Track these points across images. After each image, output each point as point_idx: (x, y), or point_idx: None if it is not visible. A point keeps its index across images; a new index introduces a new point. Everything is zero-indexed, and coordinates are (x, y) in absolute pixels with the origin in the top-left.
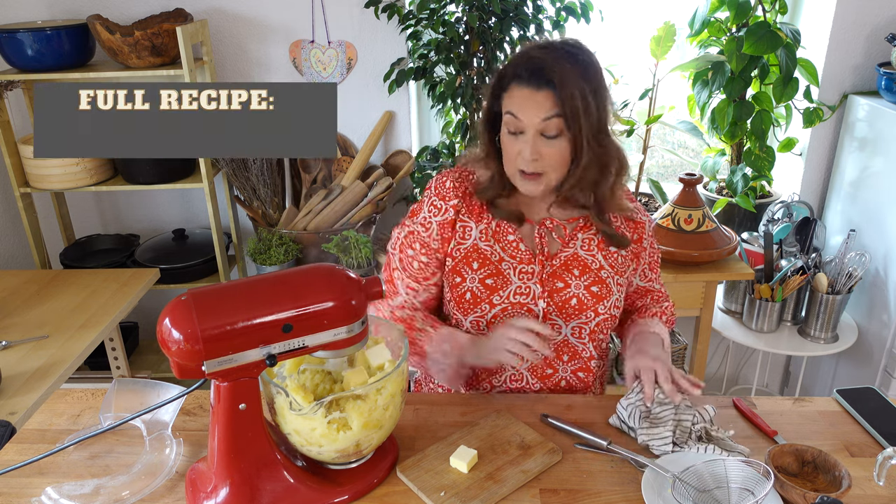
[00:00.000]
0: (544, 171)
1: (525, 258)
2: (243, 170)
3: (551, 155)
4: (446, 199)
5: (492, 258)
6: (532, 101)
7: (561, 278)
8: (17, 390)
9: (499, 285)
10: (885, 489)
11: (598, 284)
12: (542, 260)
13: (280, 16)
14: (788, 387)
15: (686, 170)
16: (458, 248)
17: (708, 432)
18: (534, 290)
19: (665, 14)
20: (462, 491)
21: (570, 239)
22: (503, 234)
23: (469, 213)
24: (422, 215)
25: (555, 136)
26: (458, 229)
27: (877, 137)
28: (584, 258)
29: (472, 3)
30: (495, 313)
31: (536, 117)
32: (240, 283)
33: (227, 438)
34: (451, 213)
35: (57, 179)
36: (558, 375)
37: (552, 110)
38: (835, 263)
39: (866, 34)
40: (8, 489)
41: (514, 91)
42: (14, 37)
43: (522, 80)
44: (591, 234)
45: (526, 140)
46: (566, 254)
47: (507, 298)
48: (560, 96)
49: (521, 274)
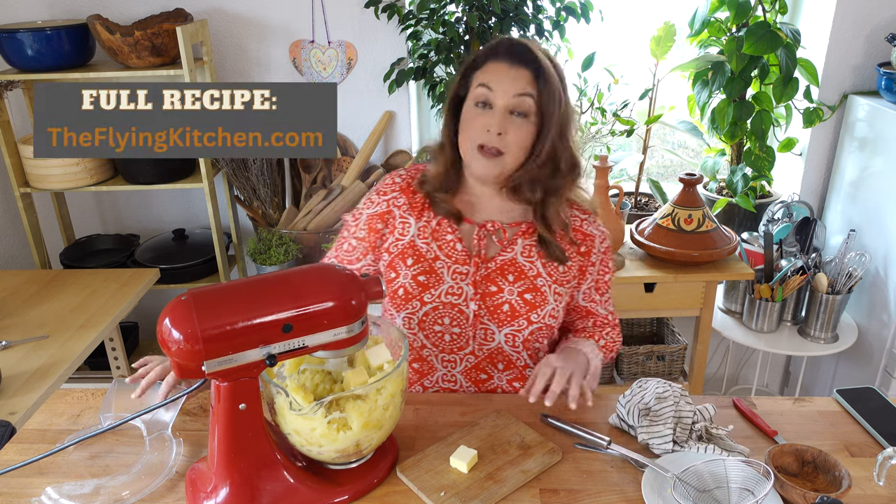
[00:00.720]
0: (506, 149)
1: (461, 258)
2: (243, 170)
3: (516, 135)
4: (384, 193)
5: (427, 255)
6: (508, 76)
7: (494, 282)
8: (17, 390)
9: (431, 283)
10: (885, 489)
11: (533, 292)
12: (478, 262)
13: (280, 16)
14: (788, 387)
15: (686, 170)
16: (395, 244)
17: (708, 431)
18: (466, 291)
19: (665, 14)
20: (462, 491)
21: (509, 243)
22: (442, 232)
23: (410, 209)
24: (360, 206)
25: (523, 115)
26: (398, 225)
27: (877, 137)
28: (522, 264)
29: (472, 3)
30: (427, 311)
31: (511, 90)
32: (240, 283)
33: (227, 438)
34: (383, 206)
35: (57, 179)
36: (493, 382)
37: (527, 88)
38: (835, 263)
39: (866, 34)
40: (8, 489)
41: (490, 66)
42: (14, 37)
43: (500, 57)
44: (533, 240)
45: (494, 114)
46: (504, 258)
47: (439, 297)
48: (538, 77)
49: (454, 274)
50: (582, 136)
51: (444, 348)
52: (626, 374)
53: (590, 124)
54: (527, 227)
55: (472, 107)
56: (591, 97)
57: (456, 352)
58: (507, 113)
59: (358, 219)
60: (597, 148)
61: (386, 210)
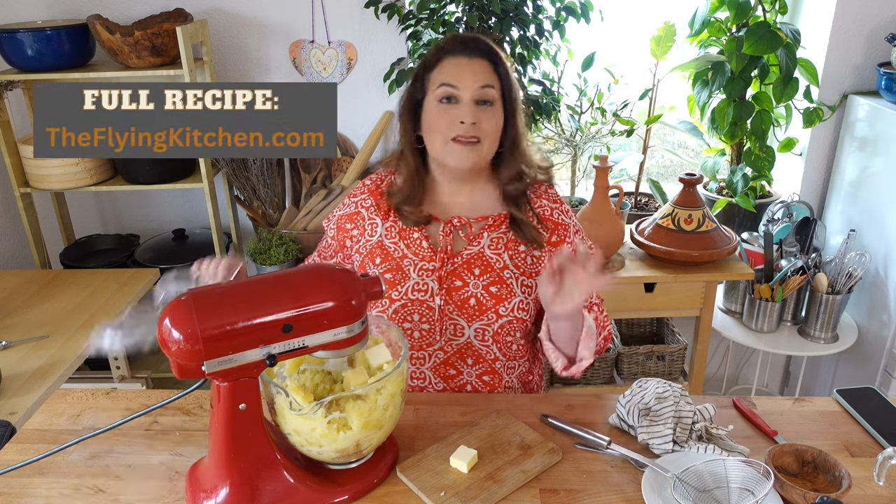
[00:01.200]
0: (482, 137)
1: (427, 255)
2: (243, 170)
3: (488, 122)
4: (353, 196)
5: (394, 254)
6: (468, 69)
7: (459, 277)
8: (17, 390)
9: (398, 280)
10: (885, 489)
11: (498, 285)
12: (444, 257)
13: (280, 16)
14: (788, 387)
15: (686, 170)
16: (364, 245)
17: (708, 431)
18: (431, 287)
19: (665, 14)
20: (462, 491)
21: (475, 237)
22: (409, 231)
23: (378, 210)
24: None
25: (489, 104)
26: (367, 226)
27: (877, 137)
28: (489, 257)
29: (472, 3)
30: (395, 308)
31: (474, 83)
32: (240, 283)
33: (227, 438)
34: (351, 207)
35: (57, 179)
36: (463, 378)
37: (489, 79)
38: (835, 263)
39: (866, 34)
40: (8, 489)
41: (448, 62)
42: (14, 37)
43: (455, 52)
44: (500, 233)
45: (462, 107)
46: (470, 252)
47: (406, 294)
48: (495, 66)
49: (420, 270)
50: (582, 136)
51: (414, 345)
52: (626, 374)
53: (590, 124)
54: (493, 220)
55: (436, 105)
56: (591, 97)
57: (425, 348)
58: (474, 103)
59: (330, 220)
60: (597, 148)
61: (354, 211)
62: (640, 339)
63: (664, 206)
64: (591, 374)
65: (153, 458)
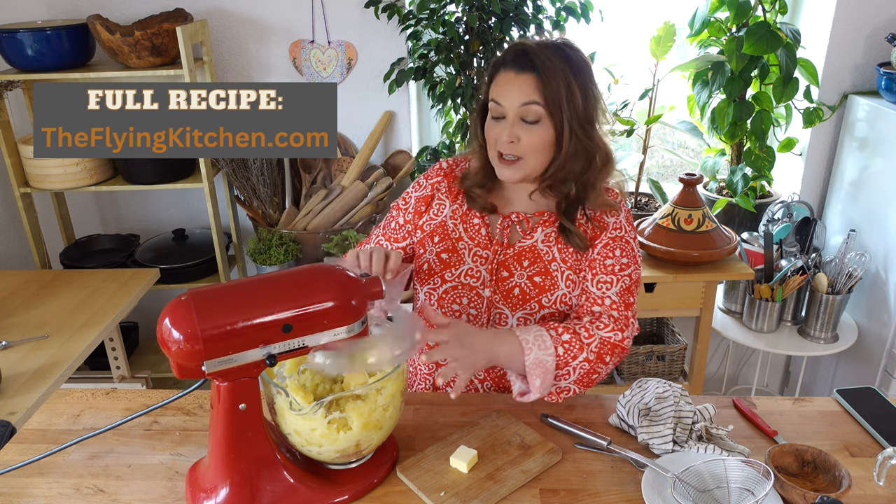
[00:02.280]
0: (522, 155)
1: (483, 242)
2: (243, 170)
3: (530, 140)
4: (430, 178)
5: (452, 235)
6: (513, 85)
7: (508, 268)
8: (17, 390)
9: (452, 262)
10: (885, 489)
11: (543, 276)
12: (497, 249)
13: (280, 16)
14: (788, 387)
15: (686, 170)
16: (429, 223)
17: (708, 431)
18: (483, 276)
19: (665, 14)
20: (462, 491)
21: (531, 231)
22: (470, 216)
23: (448, 192)
24: (409, 190)
25: (534, 121)
26: (434, 206)
27: (877, 137)
28: (540, 250)
29: (472, 3)
30: (446, 289)
31: (517, 101)
32: (240, 283)
33: (227, 438)
34: (428, 189)
35: (57, 179)
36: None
37: (532, 95)
38: (835, 263)
39: (866, 34)
40: (8, 489)
41: (500, 77)
42: (14, 37)
43: (507, 65)
44: (554, 228)
45: (504, 124)
46: (523, 245)
47: (458, 277)
48: (542, 81)
49: (475, 256)
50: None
51: None
52: (626, 374)
53: None
54: (549, 215)
55: (490, 120)
56: None
57: None
58: (519, 121)
59: (408, 201)
60: None
61: (430, 193)
62: (640, 339)
63: (664, 206)
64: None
65: (153, 458)
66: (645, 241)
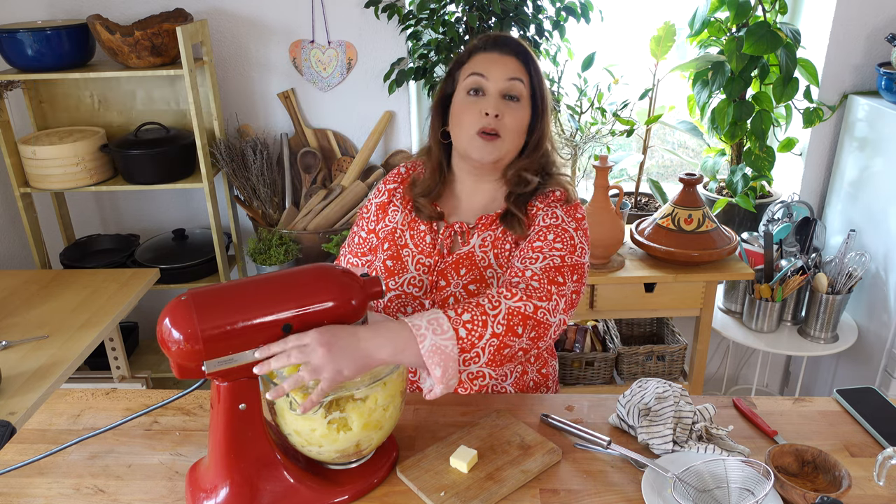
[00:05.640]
0: (503, 133)
1: (427, 251)
2: (243, 170)
3: (512, 118)
4: (388, 183)
5: (398, 242)
6: (499, 62)
7: (445, 277)
8: (17, 390)
9: (396, 270)
10: (885, 489)
11: (477, 283)
12: (437, 259)
13: (280, 16)
14: (788, 387)
15: (686, 170)
16: (383, 230)
17: (708, 431)
18: (425, 285)
19: (665, 14)
20: (462, 491)
21: (469, 237)
22: (416, 223)
23: (402, 199)
24: (369, 197)
25: (516, 99)
26: (390, 212)
27: (877, 137)
28: (476, 255)
29: (472, 3)
30: (391, 297)
31: (504, 74)
32: (240, 283)
33: (227, 438)
34: (385, 196)
35: (57, 179)
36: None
37: (518, 73)
38: (835, 263)
39: (866, 34)
40: (8, 489)
41: (478, 57)
42: (14, 37)
43: (488, 49)
44: (490, 230)
45: (489, 98)
46: (460, 252)
47: (402, 286)
48: (524, 63)
49: (418, 264)
50: (582, 135)
51: None
52: (626, 374)
53: (590, 124)
54: (487, 218)
55: (465, 97)
56: (591, 97)
57: None
58: (501, 97)
59: (368, 210)
60: (597, 148)
61: (387, 200)
62: (640, 339)
63: (664, 206)
64: (592, 374)
65: (153, 458)
66: (645, 241)
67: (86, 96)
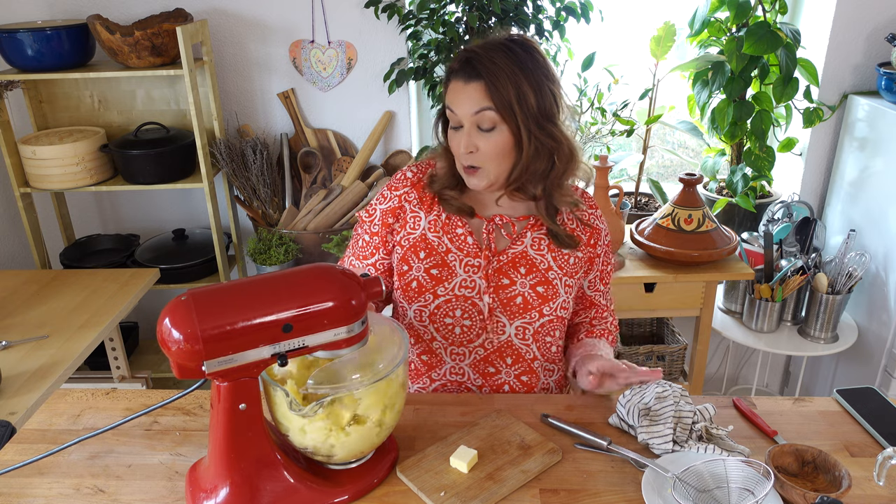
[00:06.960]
0: (482, 164)
1: (472, 251)
2: (243, 170)
3: (487, 148)
4: (395, 189)
5: (438, 249)
6: (464, 94)
7: (507, 275)
8: (17, 390)
9: (444, 276)
10: (885, 489)
11: (545, 285)
12: (488, 255)
13: (280, 16)
14: (788, 387)
15: (686, 170)
16: (406, 238)
17: (708, 431)
18: (479, 285)
19: (665, 14)
20: (462, 491)
21: (518, 237)
22: (452, 226)
23: (420, 204)
24: (373, 202)
25: (490, 129)
26: (409, 219)
27: (877, 137)
28: (533, 257)
29: (472, 3)
30: (438, 304)
31: (469, 110)
32: (240, 283)
33: (227, 438)
34: (395, 201)
35: (57, 179)
36: (501, 377)
37: (483, 102)
38: (835, 263)
39: (866, 34)
40: (8, 489)
41: (451, 86)
42: (14, 37)
43: (456, 74)
44: (542, 233)
45: (461, 134)
46: (514, 251)
47: (452, 290)
48: (490, 87)
49: (466, 266)
50: (582, 136)
51: (454, 341)
52: None
53: (590, 124)
54: (535, 220)
55: (451, 129)
56: (591, 97)
57: (465, 344)
58: (475, 129)
59: (372, 215)
60: (597, 148)
61: (398, 205)
62: (640, 339)
63: (664, 206)
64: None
65: (153, 458)
66: (645, 241)
67: (86, 96)
